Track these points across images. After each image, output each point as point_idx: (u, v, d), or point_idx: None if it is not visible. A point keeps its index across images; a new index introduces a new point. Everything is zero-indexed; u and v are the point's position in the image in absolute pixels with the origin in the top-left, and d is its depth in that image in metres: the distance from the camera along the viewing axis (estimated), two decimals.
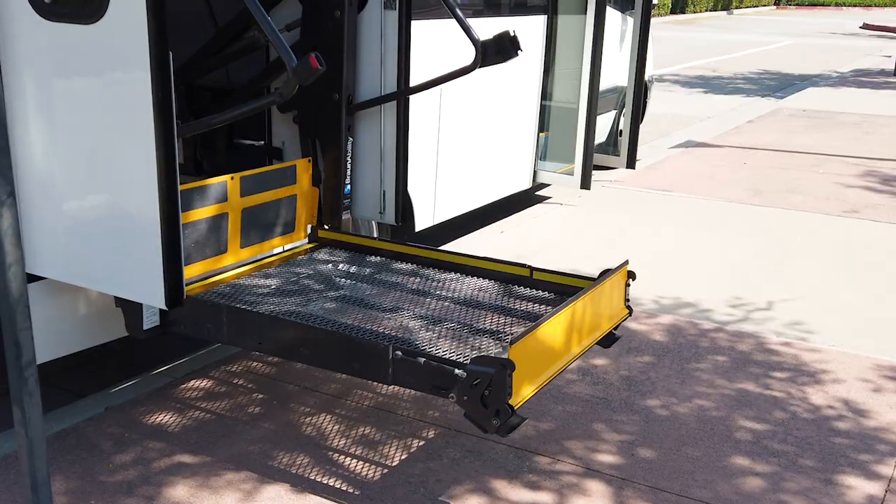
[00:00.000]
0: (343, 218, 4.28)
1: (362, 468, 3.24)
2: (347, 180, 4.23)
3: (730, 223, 6.53)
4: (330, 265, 3.96)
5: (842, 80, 15.71)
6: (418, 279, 3.81)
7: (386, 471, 3.23)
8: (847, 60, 19.91)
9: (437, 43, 5.00)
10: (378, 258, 4.06)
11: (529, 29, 6.04)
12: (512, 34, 3.85)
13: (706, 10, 36.51)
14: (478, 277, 3.85)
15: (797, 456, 3.42)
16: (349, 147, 4.16)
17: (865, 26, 32.40)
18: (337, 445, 3.39)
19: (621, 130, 7.76)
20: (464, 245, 5.81)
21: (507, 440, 3.44)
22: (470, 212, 6.03)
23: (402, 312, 3.44)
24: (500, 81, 5.83)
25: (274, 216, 3.99)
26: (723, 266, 5.59)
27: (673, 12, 33.58)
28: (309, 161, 4.14)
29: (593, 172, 6.65)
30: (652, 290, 5.13)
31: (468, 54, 5.46)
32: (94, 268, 3.14)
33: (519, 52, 3.87)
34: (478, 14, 5.54)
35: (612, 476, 3.24)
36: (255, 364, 4.05)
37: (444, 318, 3.39)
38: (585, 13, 6.16)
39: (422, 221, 5.43)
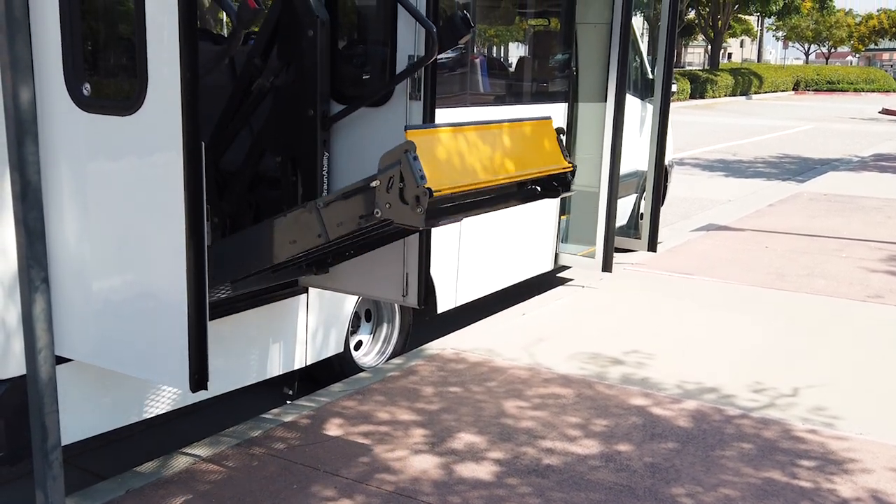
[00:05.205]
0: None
1: None
2: (325, 195, 4.31)
3: (752, 307, 6.50)
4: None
5: (862, 165, 15.76)
6: None
7: None
8: (867, 145, 20.00)
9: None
10: None
11: (551, 115, 6.17)
12: (462, 14, 3.83)
13: (725, 95, 36.94)
14: None
15: None
16: (325, 162, 4.26)
17: (885, 111, 32.64)
18: None
19: (642, 213, 7.81)
20: (485, 326, 5.82)
21: None
22: (492, 293, 6.05)
23: None
24: None
25: None
26: (746, 351, 5.55)
27: (692, 97, 34.01)
28: None
29: (615, 255, 6.67)
30: (675, 374, 5.09)
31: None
32: (122, 350, 3.17)
33: (472, 29, 3.90)
34: (500, 102, 5.67)
35: None
36: (276, 446, 4.04)
37: None
38: (605, 101, 6.29)
39: (444, 303, 5.46)
